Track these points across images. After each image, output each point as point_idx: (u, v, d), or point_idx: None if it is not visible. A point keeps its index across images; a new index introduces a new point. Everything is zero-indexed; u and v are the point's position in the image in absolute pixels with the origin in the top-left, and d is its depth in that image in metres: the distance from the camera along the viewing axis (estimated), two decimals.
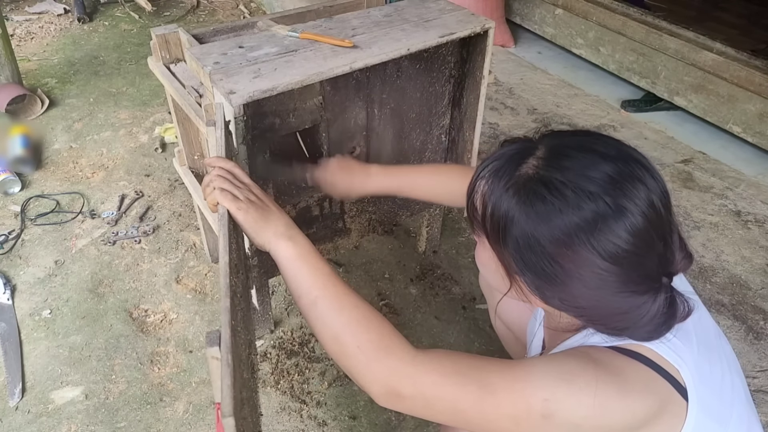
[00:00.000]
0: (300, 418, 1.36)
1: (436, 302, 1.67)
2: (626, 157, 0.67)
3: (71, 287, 1.68)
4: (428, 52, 1.32)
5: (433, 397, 0.69)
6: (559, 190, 0.65)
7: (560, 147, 0.69)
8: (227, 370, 0.58)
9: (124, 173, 2.12)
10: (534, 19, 3.15)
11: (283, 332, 1.56)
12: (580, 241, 0.64)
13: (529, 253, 0.67)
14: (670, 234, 0.67)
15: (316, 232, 1.42)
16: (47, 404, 1.38)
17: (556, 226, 0.64)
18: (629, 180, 0.64)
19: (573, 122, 2.50)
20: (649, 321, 0.67)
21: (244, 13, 3.52)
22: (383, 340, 0.72)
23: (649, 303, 0.66)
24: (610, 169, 0.65)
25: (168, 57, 1.42)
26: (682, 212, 2.02)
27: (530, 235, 0.66)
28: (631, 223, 0.63)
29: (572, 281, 0.67)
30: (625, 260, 0.64)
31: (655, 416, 0.66)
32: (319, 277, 0.78)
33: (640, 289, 0.66)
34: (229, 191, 0.81)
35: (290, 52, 1.13)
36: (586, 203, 0.63)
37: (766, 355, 1.54)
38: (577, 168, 0.65)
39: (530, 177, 0.67)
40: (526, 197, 0.66)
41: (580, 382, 0.65)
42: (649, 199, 0.64)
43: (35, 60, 2.87)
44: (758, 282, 1.75)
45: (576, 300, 0.68)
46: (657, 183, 0.66)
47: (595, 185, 0.64)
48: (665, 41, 2.50)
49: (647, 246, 0.64)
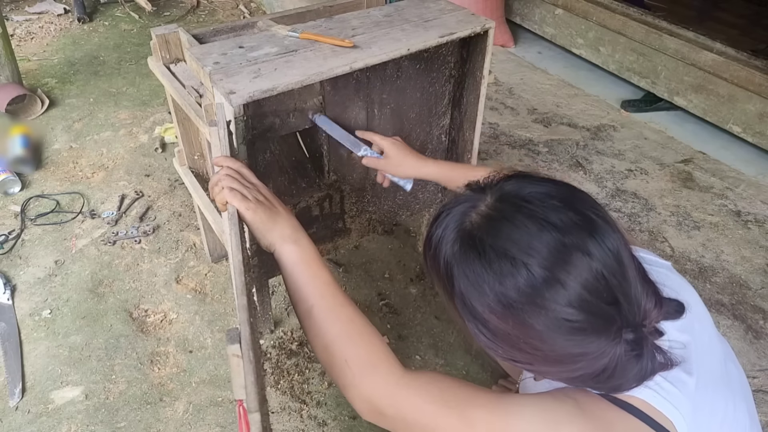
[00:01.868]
0: (300, 418, 1.36)
1: (436, 302, 1.67)
2: (572, 226, 0.62)
3: (71, 287, 1.68)
4: (428, 52, 1.32)
5: (412, 420, 0.69)
6: (491, 260, 0.62)
7: (505, 206, 0.66)
8: (250, 366, 0.58)
9: (124, 173, 2.12)
10: (534, 19, 3.15)
11: (283, 332, 1.56)
12: (509, 311, 0.62)
13: (467, 310, 0.66)
14: (627, 293, 0.62)
15: (316, 232, 1.42)
16: (47, 404, 1.38)
17: (487, 293, 0.63)
18: (570, 251, 0.61)
19: (573, 122, 2.50)
20: (619, 372, 0.63)
21: (244, 13, 3.52)
22: (371, 357, 0.72)
23: (607, 356, 0.62)
24: (550, 240, 0.61)
25: (168, 57, 1.42)
26: (682, 212, 2.02)
27: (466, 297, 0.65)
28: (570, 295, 0.60)
29: (509, 345, 0.65)
30: (570, 331, 0.61)
31: None
32: (318, 286, 0.78)
33: (591, 349, 0.62)
34: (239, 191, 0.81)
35: (290, 52, 1.13)
36: (519, 274, 0.61)
37: (765, 354, 1.54)
38: (515, 236, 0.62)
39: (469, 234, 0.66)
40: (462, 255, 0.65)
41: (565, 430, 0.63)
42: (593, 269, 0.60)
43: (35, 60, 2.87)
44: (758, 282, 1.75)
45: (522, 359, 0.66)
46: (605, 249, 0.62)
47: (531, 259, 0.61)
48: (665, 41, 2.50)
49: (593, 315, 0.61)
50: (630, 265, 0.63)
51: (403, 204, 1.56)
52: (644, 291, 0.64)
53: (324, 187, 1.37)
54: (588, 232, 0.62)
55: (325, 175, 1.36)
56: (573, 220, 0.62)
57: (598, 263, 0.61)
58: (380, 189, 1.49)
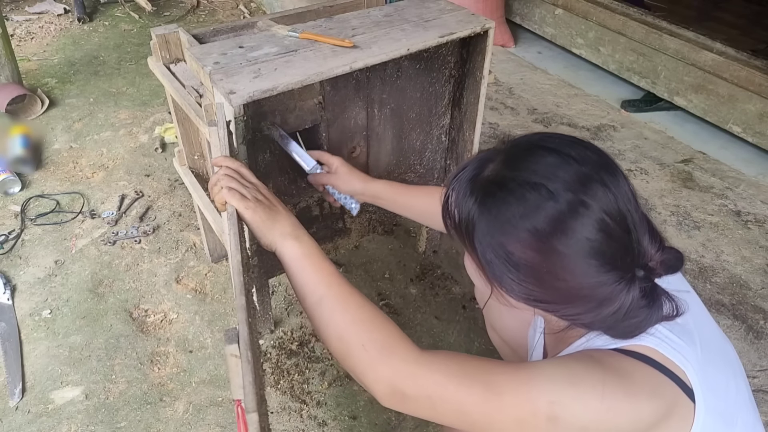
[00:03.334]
0: (300, 418, 1.36)
1: (436, 302, 1.67)
2: (587, 159, 0.66)
3: (71, 287, 1.68)
4: (428, 52, 1.32)
5: (437, 398, 0.68)
6: (514, 191, 0.65)
7: (519, 150, 0.69)
8: (248, 366, 0.58)
9: (124, 173, 2.12)
10: (534, 19, 3.15)
11: (283, 332, 1.56)
12: (537, 240, 0.64)
13: (491, 254, 0.68)
14: (638, 228, 0.66)
15: (316, 232, 1.42)
16: (47, 404, 1.38)
17: (513, 227, 0.65)
18: (589, 181, 0.64)
19: (573, 122, 2.50)
20: (628, 315, 0.66)
21: (244, 13, 3.52)
22: (388, 339, 0.72)
23: (623, 295, 0.65)
24: (571, 169, 0.65)
25: (168, 57, 1.42)
26: (682, 212, 2.02)
27: (491, 236, 0.67)
28: (593, 219, 0.63)
29: (535, 279, 0.67)
30: (591, 253, 0.64)
31: (663, 418, 0.65)
32: (324, 277, 0.78)
33: (609, 279, 0.65)
34: (237, 190, 0.81)
35: (290, 52, 1.13)
36: (543, 199, 0.64)
37: (766, 354, 1.54)
38: (534, 168, 0.66)
39: (488, 179, 0.69)
40: (483, 200, 0.68)
41: (587, 385, 0.64)
42: (611, 200, 0.64)
43: (35, 60, 2.87)
44: (758, 282, 1.75)
45: (545, 297, 0.68)
46: (620, 184, 0.66)
47: (554, 184, 0.64)
48: (665, 41, 2.50)
49: (612, 239, 0.64)
50: (638, 207, 0.67)
51: None
52: (649, 233, 0.67)
53: None
54: (605, 169, 0.66)
55: None
56: (591, 157, 0.67)
57: (615, 196, 0.64)
58: None
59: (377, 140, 1.39)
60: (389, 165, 1.46)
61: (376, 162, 1.43)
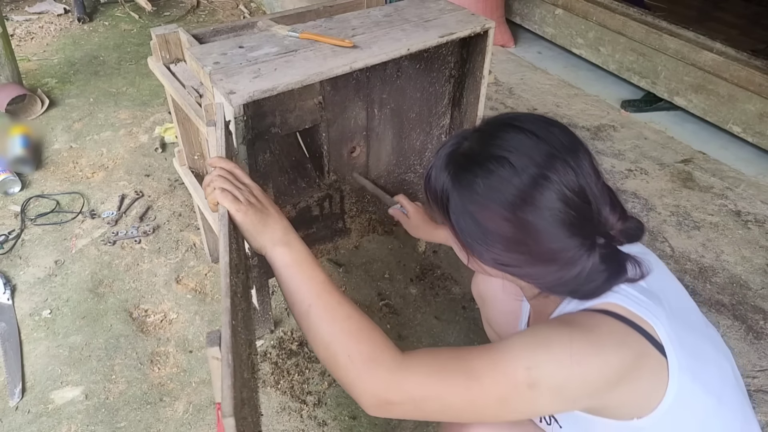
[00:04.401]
0: (300, 418, 1.36)
1: (436, 302, 1.67)
2: (551, 137, 0.72)
3: (71, 287, 1.68)
4: (428, 52, 1.32)
5: (421, 398, 0.70)
6: (482, 165, 0.72)
7: (491, 127, 0.75)
8: (228, 370, 0.58)
9: (124, 173, 2.12)
10: (534, 19, 3.15)
11: (283, 332, 1.56)
12: (502, 209, 0.70)
13: (463, 223, 0.74)
14: (599, 200, 0.71)
15: (316, 232, 1.42)
16: (47, 404, 1.38)
17: (480, 197, 0.71)
18: (551, 156, 0.70)
19: (573, 122, 2.50)
20: (589, 278, 0.71)
21: (244, 13, 3.52)
22: (374, 351, 0.73)
23: (584, 260, 0.70)
24: (534, 146, 0.70)
25: (168, 57, 1.42)
26: (682, 212, 2.02)
27: (462, 207, 0.73)
28: (554, 191, 0.68)
29: (502, 245, 0.72)
30: (552, 222, 0.69)
31: (632, 368, 0.68)
32: (313, 286, 0.78)
33: (570, 245, 0.69)
34: (230, 192, 0.81)
35: (290, 52, 1.13)
36: (513, 173, 0.69)
37: (765, 354, 1.54)
38: (501, 144, 0.72)
39: (461, 154, 0.75)
40: (456, 173, 0.74)
41: (556, 344, 0.67)
42: (575, 175, 0.70)
43: (35, 60, 2.87)
44: (758, 282, 1.75)
45: (511, 261, 0.73)
46: (581, 159, 0.71)
47: (518, 158, 0.70)
48: (665, 41, 2.50)
49: (572, 209, 0.69)
50: (599, 180, 0.73)
51: None
52: (611, 204, 0.73)
53: (324, 187, 1.37)
54: (567, 145, 0.72)
55: (325, 175, 1.36)
56: (555, 135, 0.72)
57: (575, 170, 0.70)
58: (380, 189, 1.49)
59: (377, 140, 1.39)
60: (389, 165, 1.46)
61: (376, 162, 1.43)
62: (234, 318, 0.65)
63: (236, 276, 0.76)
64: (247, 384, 0.75)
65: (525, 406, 0.68)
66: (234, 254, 0.76)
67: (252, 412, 0.80)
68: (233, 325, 0.64)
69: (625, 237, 0.74)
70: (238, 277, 0.78)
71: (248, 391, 0.77)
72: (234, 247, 0.77)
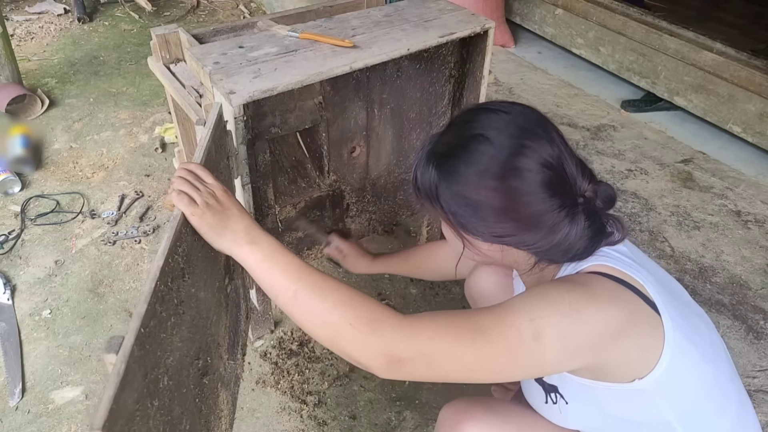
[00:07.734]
0: (300, 418, 1.36)
1: (436, 302, 1.67)
2: (520, 113, 0.78)
3: (71, 287, 1.68)
4: (428, 52, 1.32)
5: (431, 352, 0.70)
6: (460, 146, 0.77)
7: (462, 113, 0.81)
8: (115, 380, 0.54)
9: (124, 173, 2.12)
10: (534, 19, 3.15)
11: (283, 332, 1.56)
12: (486, 180, 0.74)
13: (454, 206, 0.77)
14: (570, 164, 0.77)
15: (316, 232, 1.42)
16: (47, 404, 1.38)
17: (464, 174, 0.76)
18: (522, 129, 0.76)
19: (573, 122, 2.50)
20: (579, 239, 0.76)
21: (244, 13, 3.52)
22: (372, 313, 0.73)
23: (568, 220, 0.75)
24: (505, 122, 0.76)
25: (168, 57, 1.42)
26: (682, 212, 2.02)
27: (450, 190, 0.77)
28: (532, 158, 0.74)
29: (493, 215, 0.76)
30: (534, 185, 0.74)
31: (629, 323, 0.71)
32: (292, 272, 0.77)
33: (554, 206, 0.74)
34: (187, 193, 0.79)
35: (290, 52, 1.13)
36: (494, 147, 0.74)
37: (765, 354, 1.54)
38: (473, 125, 0.77)
39: (440, 146, 0.79)
40: (439, 164, 0.78)
41: (554, 297, 0.71)
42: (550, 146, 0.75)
43: (35, 60, 2.87)
44: (758, 282, 1.75)
45: (505, 231, 0.77)
46: (549, 129, 0.77)
47: (491, 132, 0.75)
48: (665, 41, 2.50)
49: (551, 171, 0.74)
50: (568, 148, 0.79)
51: (403, 204, 1.56)
52: (581, 169, 0.78)
53: (324, 187, 1.37)
54: (536, 119, 0.78)
55: (325, 175, 1.36)
56: (523, 111, 0.78)
57: (546, 138, 0.76)
58: (380, 189, 1.49)
59: (377, 140, 1.39)
60: (389, 165, 1.46)
61: (376, 162, 1.43)
62: (145, 326, 0.61)
63: (175, 282, 0.72)
64: (126, 400, 0.59)
65: (531, 358, 0.70)
66: (181, 258, 0.73)
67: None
68: (141, 333, 0.60)
69: (602, 200, 0.78)
70: (176, 283, 0.73)
71: (189, 412, 0.73)
72: (181, 251, 0.74)
